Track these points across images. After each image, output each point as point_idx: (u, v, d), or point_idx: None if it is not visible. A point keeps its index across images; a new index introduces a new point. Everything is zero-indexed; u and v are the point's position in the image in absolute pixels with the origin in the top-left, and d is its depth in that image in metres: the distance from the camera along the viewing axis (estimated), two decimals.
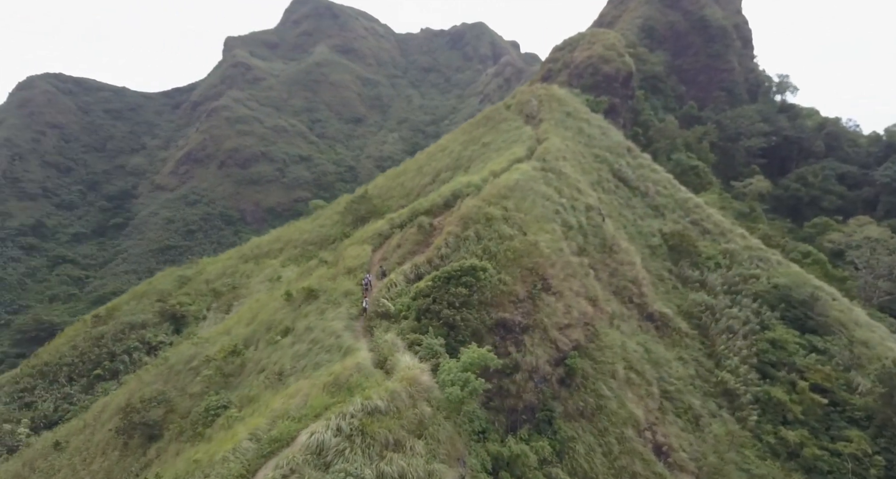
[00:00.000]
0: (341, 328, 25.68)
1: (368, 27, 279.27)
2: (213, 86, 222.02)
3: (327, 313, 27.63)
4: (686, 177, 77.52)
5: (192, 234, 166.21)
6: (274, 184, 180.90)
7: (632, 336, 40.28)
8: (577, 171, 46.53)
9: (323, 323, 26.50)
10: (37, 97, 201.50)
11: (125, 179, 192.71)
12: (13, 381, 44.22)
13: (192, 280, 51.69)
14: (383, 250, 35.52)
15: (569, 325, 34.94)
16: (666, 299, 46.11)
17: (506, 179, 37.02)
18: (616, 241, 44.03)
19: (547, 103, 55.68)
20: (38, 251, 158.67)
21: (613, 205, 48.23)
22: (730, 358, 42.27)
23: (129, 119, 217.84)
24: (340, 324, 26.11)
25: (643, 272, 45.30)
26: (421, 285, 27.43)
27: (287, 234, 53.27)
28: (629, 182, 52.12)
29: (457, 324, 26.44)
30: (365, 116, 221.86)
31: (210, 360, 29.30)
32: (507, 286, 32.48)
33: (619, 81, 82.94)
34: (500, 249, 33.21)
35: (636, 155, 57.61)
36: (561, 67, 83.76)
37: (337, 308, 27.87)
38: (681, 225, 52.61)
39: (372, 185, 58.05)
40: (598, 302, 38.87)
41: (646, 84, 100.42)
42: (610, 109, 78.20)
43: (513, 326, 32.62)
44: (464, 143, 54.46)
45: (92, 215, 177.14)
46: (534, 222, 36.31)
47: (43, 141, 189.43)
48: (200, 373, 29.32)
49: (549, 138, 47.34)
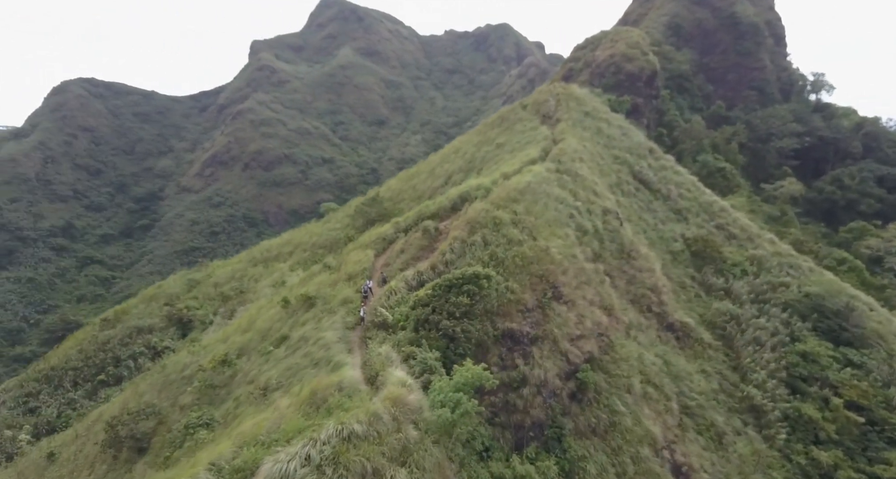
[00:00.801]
0: (334, 340, 24.32)
1: (392, 30, 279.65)
2: (239, 89, 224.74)
3: (322, 323, 26.35)
4: (713, 179, 74.59)
5: (215, 235, 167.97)
6: (297, 186, 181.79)
7: (650, 348, 38.19)
8: (595, 173, 44.55)
9: (317, 334, 25.21)
10: (70, 101, 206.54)
11: (153, 181, 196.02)
12: (19, 385, 44.03)
13: (202, 284, 51.08)
14: (386, 255, 34.15)
15: (581, 336, 33.08)
16: (688, 307, 43.81)
17: (516, 182, 35.34)
18: (635, 246, 41.93)
19: (564, 103, 53.72)
20: (67, 252, 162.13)
21: (633, 208, 46.10)
22: (756, 372, 39.92)
23: (158, 122, 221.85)
24: (333, 335, 24.74)
25: (663, 279, 43.10)
26: (420, 293, 25.97)
27: (297, 237, 52.38)
28: (650, 184, 49.86)
29: (456, 336, 24.87)
30: (388, 119, 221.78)
31: (200, 370, 28.29)
32: (514, 295, 30.82)
33: (642, 80, 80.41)
34: (508, 255, 31.56)
35: (658, 156, 55.23)
36: (582, 67, 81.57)
37: (332, 317, 26.56)
38: (705, 229, 50.18)
39: (384, 187, 56.84)
40: (614, 311, 36.89)
41: (671, 83, 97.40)
42: (633, 109, 75.81)
43: (520, 337, 30.94)
44: (477, 144, 52.88)
45: (120, 217, 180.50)
46: (545, 227, 34.54)
47: (74, 144, 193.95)
48: (192, 384, 28.31)
49: (565, 139, 45.46)
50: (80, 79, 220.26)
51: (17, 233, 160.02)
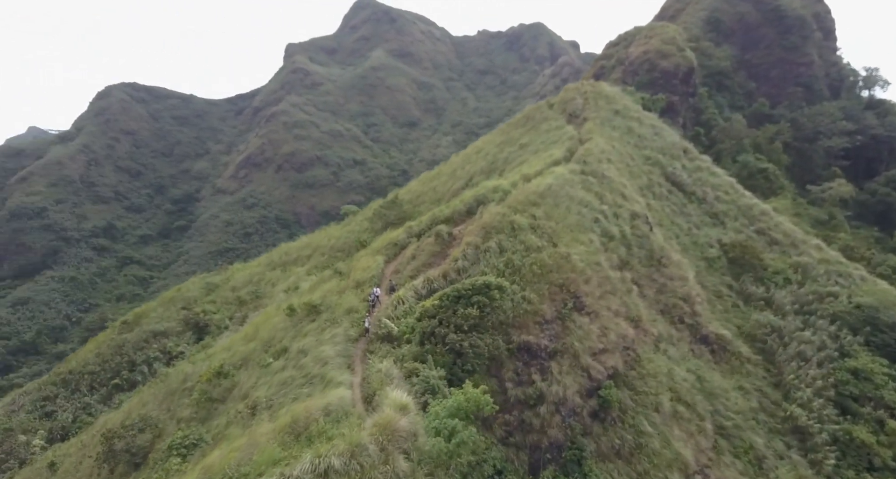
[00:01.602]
0: (332, 355, 22.80)
1: (425, 31, 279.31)
2: (273, 91, 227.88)
3: (324, 334, 24.92)
4: (753, 181, 70.62)
5: (248, 236, 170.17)
6: (328, 188, 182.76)
7: (681, 362, 35.56)
8: (624, 174, 42.07)
9: (316, 346, 23.78)
10: (112, 106, 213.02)
11: (190, 182, 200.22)
12: (38, 388, 44.16)
13: (220, 287, 50.60)
14: (397, 261, 32.59)
15: (604, 350, 30.82)
16: (724, 319, 40.89)
17: (536, 184, 33.30)
18: (666, 252, 39.29)
19: (593, 101, 51.25)
20: (108, 252, 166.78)
21: (664, 212, 43.40)
22: (801, 389, 36.84)
23: (196, 125, 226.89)
24: (332, 349, 23.23)
25: (697, 288, 40.31)
26: (426, 304, 24.27)
27: (316, 240, 51.41)
28: (684, 187, 46.99)
29: (464, 351, 23.04)
30: (419, 120, 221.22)
31: (199, 382, 27.21)
32: (531, 305, 28.83)
33: (678, 77, 77.00)
34: (526, 262, 29.59)
35: (694, 157, 52.19)
36: (615, 64, 78.60)
37: (335, 329, 25.08)
38: (744, 234, 47.01)
39: (405, 189, 55.46)
40: (642, 323, 34.44)
41: (710, 81, 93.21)
42: (667, 107, 72.64)
43: (538, 350, 28.92)
44: (500, 144, 50.93)
45: (158, 218, 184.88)
46: (567, 232, 32.40)
47: (117, 147, 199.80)
48: (191, 395, 27.24)
49: (592, 139, 43.12)
50: (123, 83, 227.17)
51: (62, 233, 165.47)
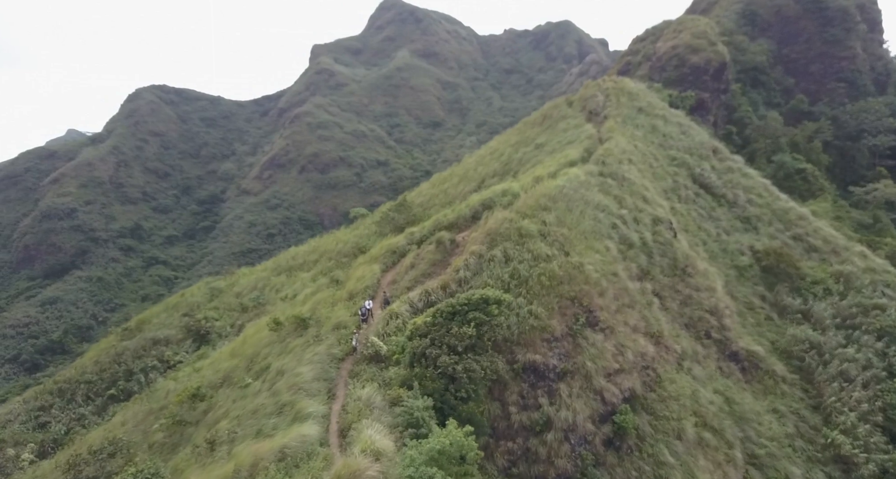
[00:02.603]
0: (309, 377, 20.58)
1: (451, 30, 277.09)
2: (298, 93, 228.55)
3: (306, 353, 22.75)
4: (790, 182, 66.31)
5: (271, 237, 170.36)
6: (351, 189, 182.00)
7: (708, 382, 32.46)
8: (646, 176, 39.03)
9: (296, 367, 21.59)
10: (142, 107, 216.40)
11: (215, 183, 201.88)
12: (34, 397, 42.91)
13: (224, 293, 48.99)
14: (395, 270, 30.31)
15: (620, 370, 28.02)
16: (756, 333, 37.54)
17: (547, 187, 30.63)
18: (691, 261, 36.16)
19: (615, 98, 48.18)
20: (135, 252, 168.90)
21: (691, 216, 40.18)
22: (844, 413, 33.37)
23: (223, 126, 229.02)
24: (310, 371, 20.99)
25: (726, 300, 37.05)
26: (418, 320, 21.89)
27: (324, 244, 49.48)
28: (713, 189, 43.63)
29: (457, 375, 20.56)
30: (444, 120, 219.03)
31: (170, 404, 25.18)
32: (539, 321, 26.25)
33: (709, 73, 73.09)
34: (533, 273, 27.01)
35: (724, 157, 48.68)
36: (641, 60, 75.01)
37: (317, 346, 22.89)
38: (778, 241, 43.41)
39: (415, 192, 53.33)
40: (663, 339, 31.47)
41: (744, 77, 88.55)
42: (697, 104, 68.94)
43: (545, 371, 26.33)
44: (515, 144, 48.29)
45: (184, 219, 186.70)
46: (580, 239, 29.67)
47: (145, 148, 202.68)
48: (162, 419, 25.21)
49: (612, 138, 40.18)
50: (153, 86, 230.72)
51: (91, 234, 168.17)
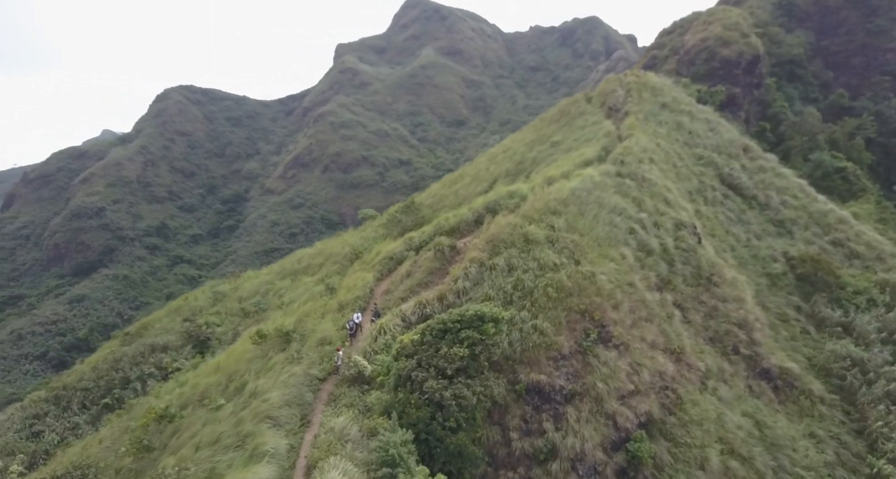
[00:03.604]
0: (279, 403, 18.59)
1: (476, 28, 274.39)
2: (322, 92, 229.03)
3: (283, 372, 20.77)
4: (829, 182, 62.17)
5: (294, 237, 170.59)
6: (374, 188, 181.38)
7: (735, 404, 29.55)
8: (669, 176, 36.19)
9: (268, 389, 19.59)
10: (170, 108, 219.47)
11: (240, 182, 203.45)
12: (31, 404, 41.96)
13: (227, 297, 47.77)
14: (390, 279, 28.25)
15: (635, 391, 25.42)
16: (791, 348, 34.37)
17: (558, 188, 28.17)
18: (717, 269, 33.24)
19: (636, 93, 45.31)
20: (160, 251, 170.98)
21: (718, 220, 37.18)
22: (892, 439, 30.14)
23: (248, 126, 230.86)
24: (281, 396, 18.96)
25: (756, 311, 34.01)
26: (406, 338, 19.73)
27: (330, 247, 47.84)
28: (743, 190, 40.48)
29: (446, 402, 18.28)
30: (467, 119, 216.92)
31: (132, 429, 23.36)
32: (544, 337, 23.89)
33: (741, 66, 69.26)
34: (539, 284, 24.64)
35: (756, 156, 45.38)
36: (668, 54, 71.52)
37: (294, 366, 20.91)
38: (816, 246, 40.04)
39: (425, 193, 51.36)
40: (685, 356, 28.72)
41: (779, 70, 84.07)
42: (728, 100, 65.37)
43: (551, 393, 23.94)
44: (530, 143, 45.83)
45: (209, 218, 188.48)
46: (593, 247, 27.14)
47: (172, 148, 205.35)
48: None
49: (632, 135, 37.44)
50: (180, 86, 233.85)
51: (118, 233, 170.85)
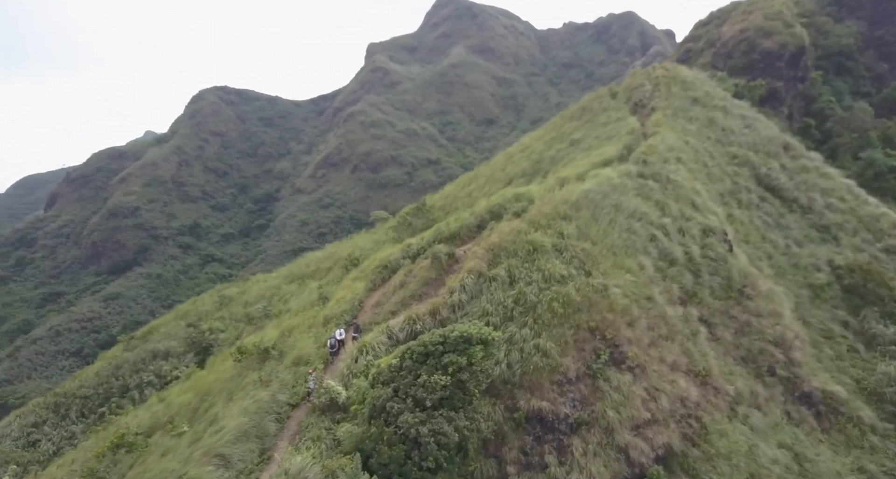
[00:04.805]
0: (232, 438, 16.55)
1: (508, 25, 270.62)
2: (353, 91, 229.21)
3: (247, 399, 18.72)
4: (881, 183, 57.28)
5: (322, 236, 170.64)
6: (402, 188, 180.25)
7: (771, 433, 26.42)
8: (698, 177, 33.06)
9: (231, 417, 17.62)
10: (204, 108, 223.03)
11: (271, 182, 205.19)
12: (31, 410, 41.12)
13: (234, 302, 46.48)
14: (382, 289, 26.08)
15: (652, 420, 22.71)
16: (836, 369, 30.88)
17: (569, 191, 25.55)
18: (751, 279, 30.03)
19: (665, 87, 42.08)
20: (192, 250, 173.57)
21: (753, 225, 33.82)
22: None
23: (280, 126, 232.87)
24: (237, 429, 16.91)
25: (796, 327, 30.65)
26: (383, 362, 17.52)
27: (340, 250, 46.11)
28: (782, 192, 36.91)
29: (423, 439, 15.98)
30: (498, 117, 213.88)
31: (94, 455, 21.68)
32: (548, 359, 21.44)
33: (784, 58, 64.73)
34: (544, 298, 22.18)
35: (798, 154, 41.59)
36: (703, 47, 67.42)
37: (262, 391, 18.88)
38: (866, 254, 36.21)
39: (439, 194, 49.13)
40: (712, 378, 25.77)
41: (826, 63, 78.75)
42: (769, 95, 61.09)
43: (554, 422, 21.48)
44: (549, 141, 43.09)
45: (240, 217, 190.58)
46: (607, 256, 24.48)
47: (206, 148, 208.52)
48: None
49: (658, 132, 34.40)
50: (215, 87, 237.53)
51: (152, 232, 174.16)
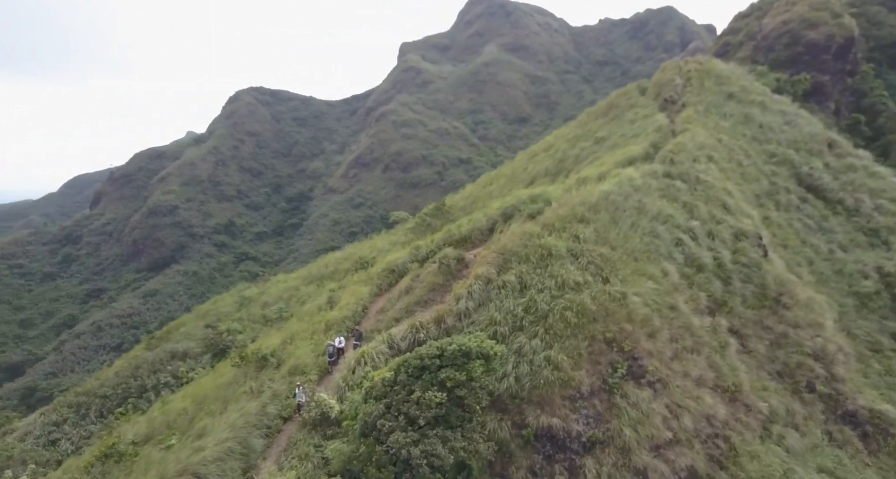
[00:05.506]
0: (214, 455, 15.61)
1: (542, 23, 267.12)
2: (385, 91, 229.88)
3: (234, 411, 17.85)
4: None
5: (353, 236, 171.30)
6: (432, 187, 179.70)
7: (810, 456, 24.36)
8: (732, 177, 31.00)
9: (217, 431, 16.78)
10: (240, 109, 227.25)
11: (304, 182, 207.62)
12: (53, 409, 41.60)
13: (253, 302, 46.31)
14: (388, 295, 25.05)
15: (674, 440, 21.10)
16: (885, 386, 28.51)
17: (587, 192, 24.04)
18: (789, 287, 27.90)
19: (697, 82, 39.84)
20: (227, 248, 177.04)
21: (793, 228, 31.56)
22: None
23: (313, 126, 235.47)
24: (220, 444, 15.99)
25: (839, 339, 28.37)
26: (377, 375, 16.46)
27: (359, 251, 45.42)
28: (825, 193, 34.42)
29: (414, 461, 14.84)
30: (530, 116, 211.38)
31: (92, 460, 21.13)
32: (560, 372, 20.07)
33: (830, 51, 61.25)
34: (556, 307, 20.80)
35: (844, 152, 38.85)
36: (743, 40, 64.27)
37: (251, 402, 18.01)
38: None
39: (459, 195, 47.98)
40: (742, 394, 23.91)
41: (878, 55, 74.19)
42: (813, 89, 57.86)
43: (566, 440, 20.09)
44: (573, 139, 41.40)
45: (274, 216, 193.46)
46: (627, 262, 22.92)
47: (241, 148, 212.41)
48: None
49: (688, 130, 32.41)
50: (251, 88, 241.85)
51: (189, 230, 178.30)
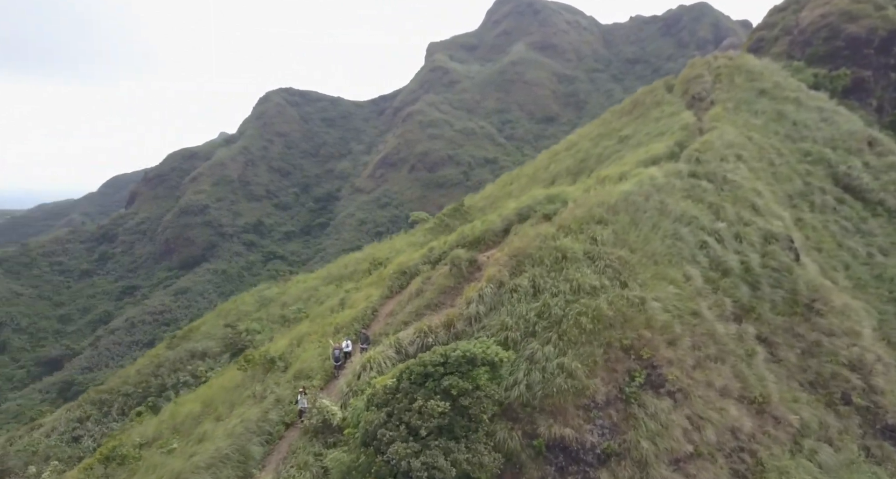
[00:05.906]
0: (208, 463, 15.29)
1: (571, 21, 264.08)
2: (413, 91, 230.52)
3: (232, 418, 17.48)
4: None
5: (379, 236, 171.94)
6: (458, 187, 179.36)
7: (845, 472, 22.93)
8: (762, 177, 29.61)
9: (216, 439, 16.44)
10: (270, 109, 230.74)
11: (332, 182, 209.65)
12: (78, 405, 42.33)
13: (273, 302, 46.42)
14: (399, 297, 24.49)
15: (695, 454, 20.06)
16: None
17: (607, 193, 23.12)
18: (822, 293, 26.44)
19: (727, 79, 38.27)
20: (256, 247, 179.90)
21: (828, 230, 29.98)
22: None
23: (341, 126, 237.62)
24: (215, 452, 15.65)
25: (878, 348, 26.78)
26: (380, 382, 15.91)
27: (378, 252, 45.14)
28: (864, 193, 32.66)
29: (415, 473, 14.20)
30: (558, 115, 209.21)
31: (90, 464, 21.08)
32: (574, 380, 19.23)
33: (872, 45, 58.63)
34: (571, 311, 19.99)
35: (885, 151, 36.87)
36: (778, 35, 61.95)
37: (253, 409, 17.63)
38: None
39: (479, 195, 47.29)
40: (770, 406, 22.64)
41: None
42: (854, 85, 55.45)
43: (579, 451, 19.24)
44: (596, 138, 40.30)
45: (301, 215, 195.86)
46: (647, 265, 21.95)
47: (270, 148, 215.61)
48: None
49: (716, 127, 31.08)
50: (280, 89, 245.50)
51: (219, 229, 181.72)
